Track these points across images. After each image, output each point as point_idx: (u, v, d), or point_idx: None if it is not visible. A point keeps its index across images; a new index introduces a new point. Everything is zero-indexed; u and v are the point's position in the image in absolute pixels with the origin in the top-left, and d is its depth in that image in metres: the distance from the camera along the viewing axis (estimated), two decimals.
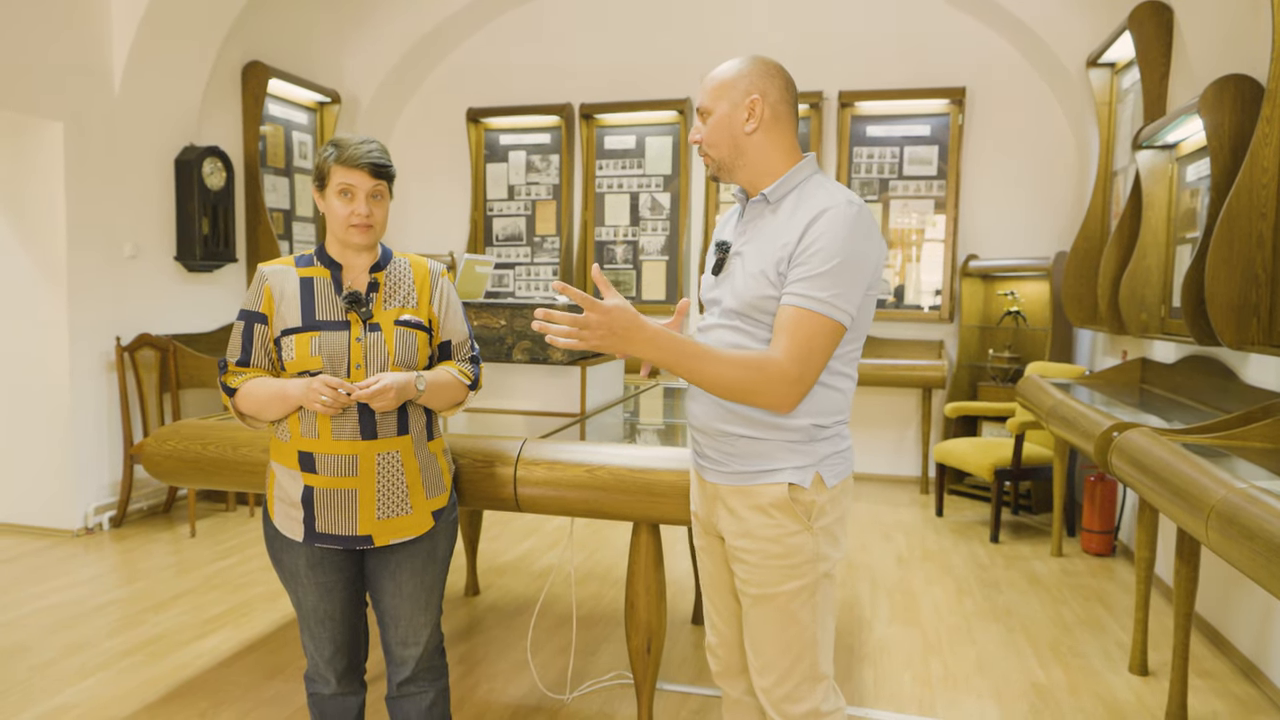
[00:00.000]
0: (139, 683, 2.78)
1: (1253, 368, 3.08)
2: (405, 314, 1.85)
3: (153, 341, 4.60)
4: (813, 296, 1.51)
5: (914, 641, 3.20)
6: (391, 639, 1.94)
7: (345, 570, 1.89)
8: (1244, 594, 3.00)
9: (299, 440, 1.81)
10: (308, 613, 1.91)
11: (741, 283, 1.62)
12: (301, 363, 1.78)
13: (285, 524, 1.85)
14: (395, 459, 1.83)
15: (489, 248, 6.50)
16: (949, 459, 4.82)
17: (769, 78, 1.63)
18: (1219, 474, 2.00)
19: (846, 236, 1.51)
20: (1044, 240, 5.55)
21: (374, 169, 1.78)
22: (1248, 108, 2.97)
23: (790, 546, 1.61)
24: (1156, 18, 3.92)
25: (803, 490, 1.60)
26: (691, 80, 6.01)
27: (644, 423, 2.87)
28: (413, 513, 1.86)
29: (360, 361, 1.79)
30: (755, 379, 1.51)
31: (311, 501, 1.81)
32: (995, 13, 5.29)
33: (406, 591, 1.90)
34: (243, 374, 1.84)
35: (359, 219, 1.79)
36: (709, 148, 1.67)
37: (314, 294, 1.82)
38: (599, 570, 3.95)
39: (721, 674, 1.87)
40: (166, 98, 4.73)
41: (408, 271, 1.90)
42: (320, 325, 1.79)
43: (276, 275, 1.84)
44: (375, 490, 1.81)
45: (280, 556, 1.89)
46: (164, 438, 2.46)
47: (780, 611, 1.63)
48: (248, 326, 1.83)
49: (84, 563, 3.96)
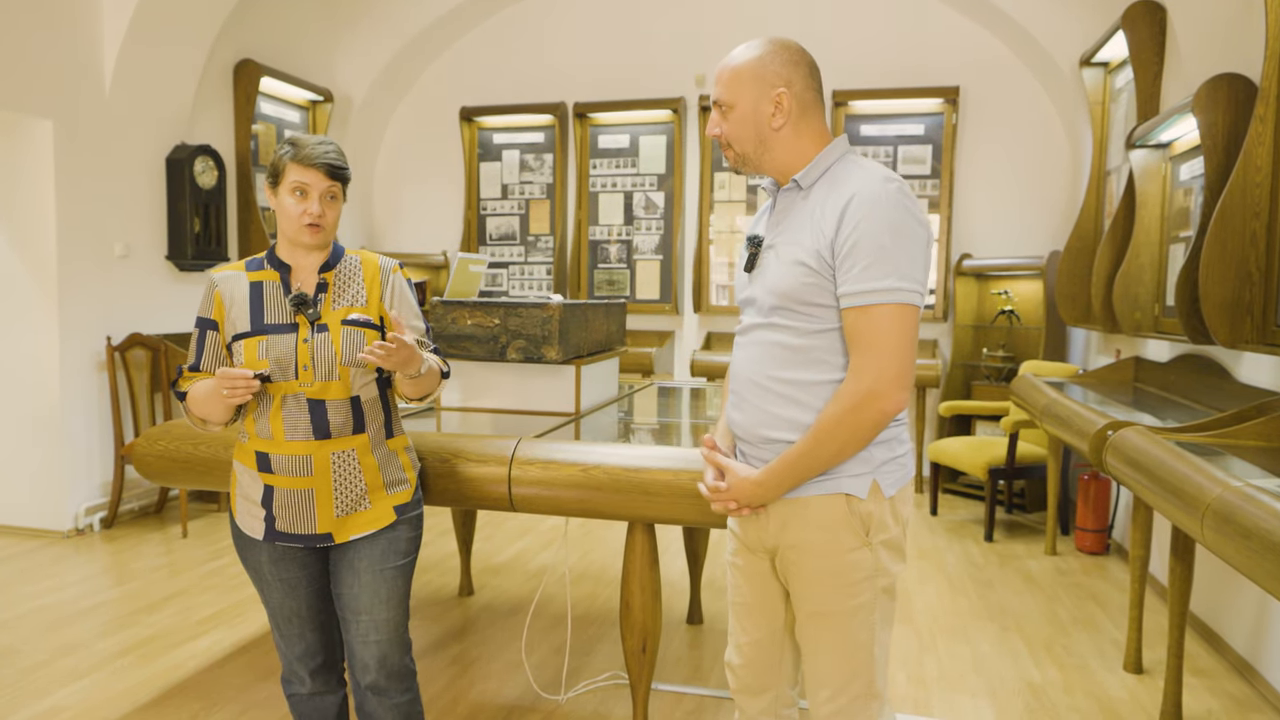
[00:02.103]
0: (131, 684, 2.76)
1: (1246, 366, 3.08)
2: (353, 313, 1.84)
3: (144, 341, 4.58)
4: (870, 290, 1.41)
5: (909, 641, 3.20)
6: (353, 638, 1.89)
7: (309, 567, 1.90)
8: (1238, 592, 3.00)
9: (255, 441, 1.82)
10: (275, 611, 1.92)
11: (776, 274, 1.53)
12: (250, 366, 1.77)
13: (247, 522, 1.87)
14: (351, 457, 1.83)
15: (482, 247, 6.49)
16: (943, 458, 4.83)
17: (794, 65, 1.53)
18: (1214, 472, 2.00)
19: (889, 214, 1.42)
20: (1038, 239, 5.56)
21: (330, 170, 1.78)
22: (1241, 107, 2.97)
23: (847, 563, 1.52)
24: (1150, 17, 3.93)
25: (860, 501, 1.51)
26: (685, 80, 6.00)
27: (639, 422, 2.86)
28: (372, 508, 1.86)
29: (308, 363, 1.78)
30: (857, 420, 1.44)
31: (271, 501, 1.82)
32: (989, 12, 5.29)
33: (364, 580, 1.86)
34: (193, 379, 1.85)
35: (311, 218, 1.78)
36: (734, 143, 1.57)
37: (263, 298, 1.82)
38: (593, 570, 3.94)
39: (741, 691, 1.75)
40: (158, 96, 4.70)
41: (358, 269, 1.89)
42: (268, 329, 1.79)
43: (226, 281, 1.85)
44: (332, 489, 1.81)
45: (245, 554, 1.90)
46: (155, 438, 2.44)
47: (836, 630, 1.54)
48: (200, 333, 1.86)
49: (75, 564, 3.94)
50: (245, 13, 5.19)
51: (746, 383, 1.59)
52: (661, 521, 2.10)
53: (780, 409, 1.53)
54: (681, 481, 2.04)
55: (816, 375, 1.51)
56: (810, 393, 1.51)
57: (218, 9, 4.78)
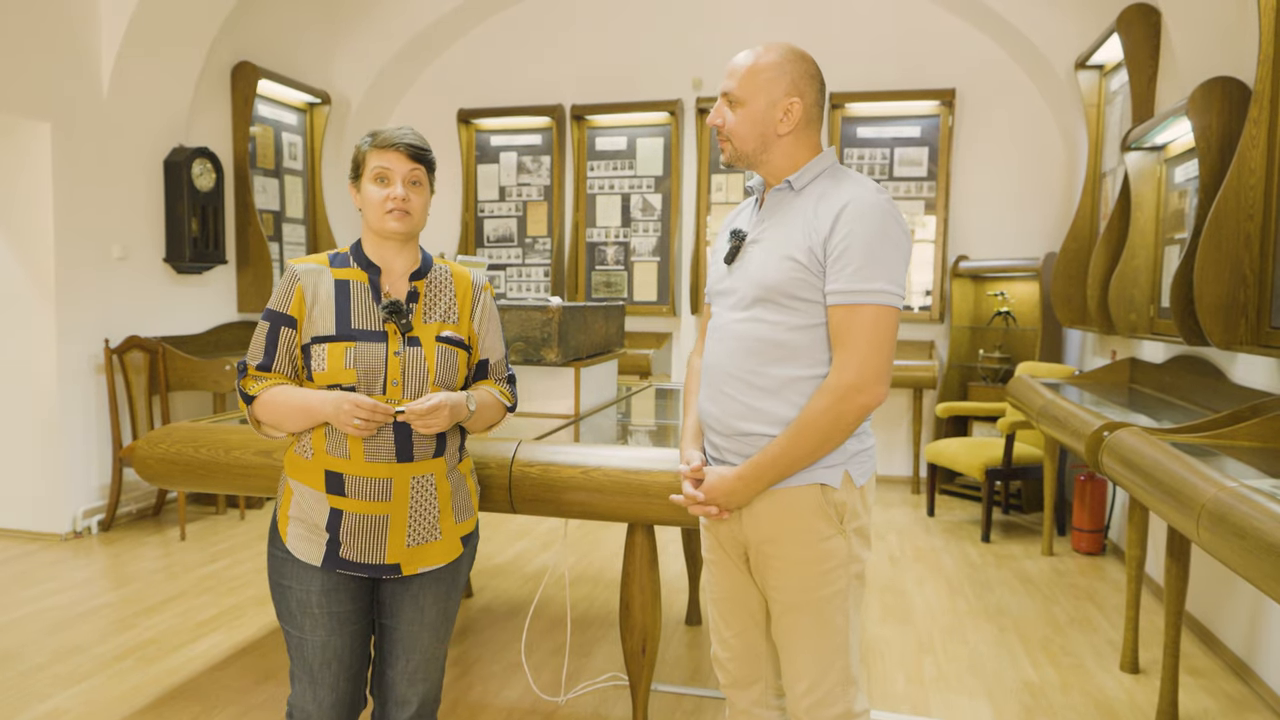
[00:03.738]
0: (130, 687, 2.77)
1: (1241, 367, 3.10)
2: (446, 330, 1.71)
3: (142, 344, 4.58)
4: (860, 290, 1.49)
5: (907, 641, 3.21)
6: (399, 674, 1.75)
7: (360, 599, 1.73)
8: (1234, 592, 3.02)
9: (325, 459, 1.65)
10: (314, 651, 1.69)
11: (762, 268, 1.57)
12: (334, 375, 1.63)
13: (301, 547, 1.68)
14: (429, 482, 1.69)
15: (480, 249, 6.49)
16: (940, 459, 4.84)
17: (810, 79, 1.59)
18: (1209, 473, 2.01)
19: (879, 224, 1.50)
20: (1033, 241, 5.58)
21: (411, 150, 1.66)
22: (1235, 110, 2.99)
23: (823, 551, 1.57)
24: (1144, 20, 3.95)
25: (834, 491, 1.56)
26: (682, 82, 6.02)
27: (638, 424, 2.87)
28: (442, 539, 1.72)
29: (398, 378, 1.64)
30: (839, 413, 1.50)
31: (339, 526, 1.65)
32: (984, 15, 5.32)
33: (429, 619, 1.74)
34: (263, 379, 1.67)
35: (395, 202, 1.64)
36: (735, 139, 1.60)
37: (350, 299, 1.66)
38: (592, 571, 3.95)
39: (730, 685, 1.79)
40: (155, 98, 4.70)
41: (449, 282, 1.76)
42: (356, 335, 1.64)
43: (310, 275, 1.68)
44: (408, 516, 1.67)
45: (288, 583, 1.69)
46: (156, 440, 2.44)
47: (814, 618, 1.59)
48: (273, 328, 1.67)
49: (73, 567, 3.94)
50: (243, 15, 5.20)
51: (723, 375, 1.63)
52: (661, 523, 2.11)
53: (760, 402, 1.57)
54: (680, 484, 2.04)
55: (797, 370, 1.56)
56: (792, 387, 1.56)
57: (215, 12, 4.78)
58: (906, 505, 5.28)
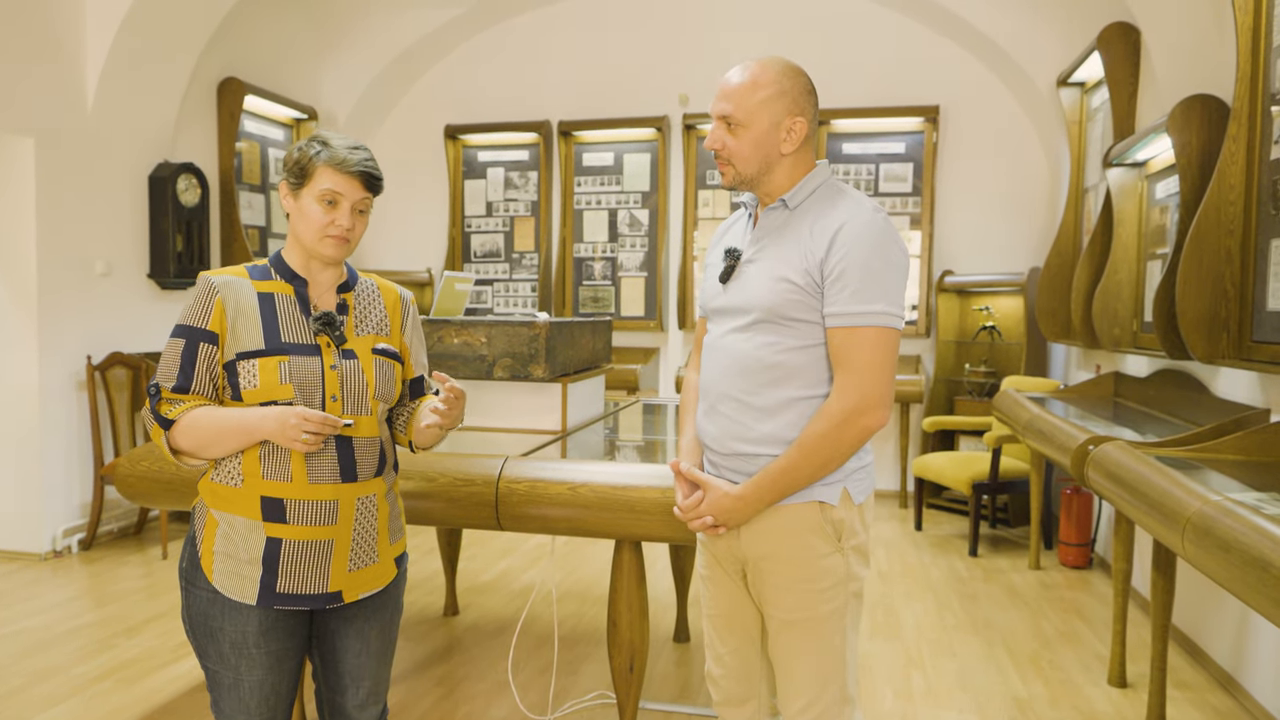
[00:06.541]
0: (109, 710, 2.72)
1: (1223, 381, 3.13)
2: (381, 342, 1.66)
3: (125, 360, 4.53)
4: (859, 311, 1.47)
5: (895, 656, 3.20)
6: (350, 702, 1.70)
7: (297, 635, 1.63)
8: (1220, 606, 3.03)
9: (261, 484, 1.53)
10: (249, 692, 1.58)
11: (760, 289, 1.55)
12: (268, 391, 1.52)
13: (231, 584, 1.55)
14: (372, 503, 1.62)
15: (467, 264, 6.49)
16: (927, 473, 4.85)
17: (808, 94, 1.57)
18: (1194, 487, 2.02)
19: (876, 244, 1.48)
20: (1018, 256, 5.63)
21: (368, 180, 1.58)
22: (1214, 127, 3.04)
23: (821, 569, 1.56)
24: (1124, 38, 4.01)
25: (832, 508, 1.55)
26: (669, 98, 6.05)
27: (625, 439, 2.86)
28: (379, 561, 1.65)
29: (336, 392, 1.56)
30: (840, 436, 1.49)
31: (276, 558, 1.53)
32: (968, 33, 5.38)
33: (374, 648, 1.69)
34: (181, 402, 1.54)
35: (339, 230, 1.56)
36: (737, 162, 1.57)
37: (276, 311, 1.57)
38: (579, 588, 3.92)
39: (723, 703, 1.77)
40: (140, 113, 4.69)
41: (378, 296, 1.71)
42: (288, 349, 1.55)
43: (229, 287, 1.56)
44: (351, 540, 1.59)
45: (219, 625, 1.56)
46: (138, 458, 2.41)
47: (810, 637, 1.57)
48: (190, 345, 1.54)
49: (52, 586, 3.88)
50: (229, 31, 5.19)
51: (719, 395, 1.61)
52: (649, 539, 2.10)
53: (758, 424, 1.56)
54: (669, 499, 2.04)
55: (795, 391, 1.54)
56: (790, 409, 1.54)
57: (201, 27, 4.78)
58: (894, 520, 5.28)
